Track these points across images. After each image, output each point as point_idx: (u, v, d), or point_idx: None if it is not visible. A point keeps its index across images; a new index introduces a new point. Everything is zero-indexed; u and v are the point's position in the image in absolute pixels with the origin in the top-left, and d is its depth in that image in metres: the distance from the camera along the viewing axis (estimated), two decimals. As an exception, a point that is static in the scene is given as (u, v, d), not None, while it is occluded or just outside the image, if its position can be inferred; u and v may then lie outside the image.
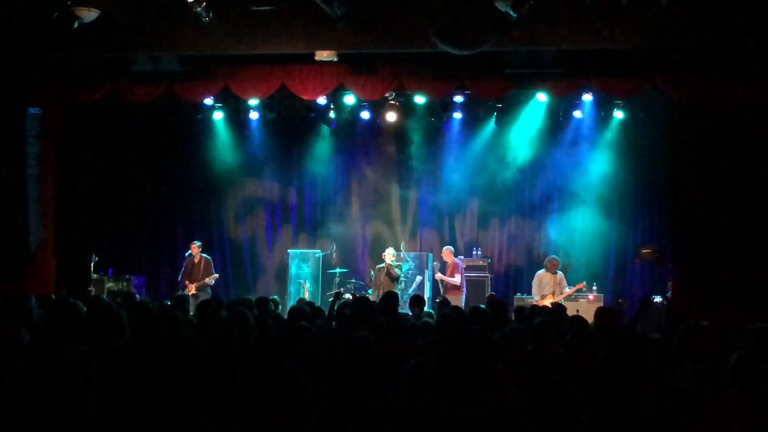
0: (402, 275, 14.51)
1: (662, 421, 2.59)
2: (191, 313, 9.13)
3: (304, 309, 8.27)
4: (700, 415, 2.57)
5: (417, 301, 9.75)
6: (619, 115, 14.50)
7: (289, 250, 16.06)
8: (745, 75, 11.03)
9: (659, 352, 5.41)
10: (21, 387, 3.46)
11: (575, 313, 9.39)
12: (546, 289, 13.53)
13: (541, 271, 13.81)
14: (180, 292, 13.02)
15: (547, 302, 12.41)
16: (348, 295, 13.88)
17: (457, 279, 14.27)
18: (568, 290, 13.62)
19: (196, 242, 14.79)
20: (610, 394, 4.24)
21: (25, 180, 12.85)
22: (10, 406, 3.42)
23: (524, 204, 15.94)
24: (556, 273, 13.65)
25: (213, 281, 14.52)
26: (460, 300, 13.71)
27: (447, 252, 14.67)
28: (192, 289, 14.11)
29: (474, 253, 15.52)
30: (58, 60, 12.29)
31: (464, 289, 14.35)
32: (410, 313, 9.54)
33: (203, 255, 14.66)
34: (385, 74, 12.56)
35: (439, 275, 14.50)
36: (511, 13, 9.85)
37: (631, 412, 4.02)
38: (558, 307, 9.98)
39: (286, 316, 8.74)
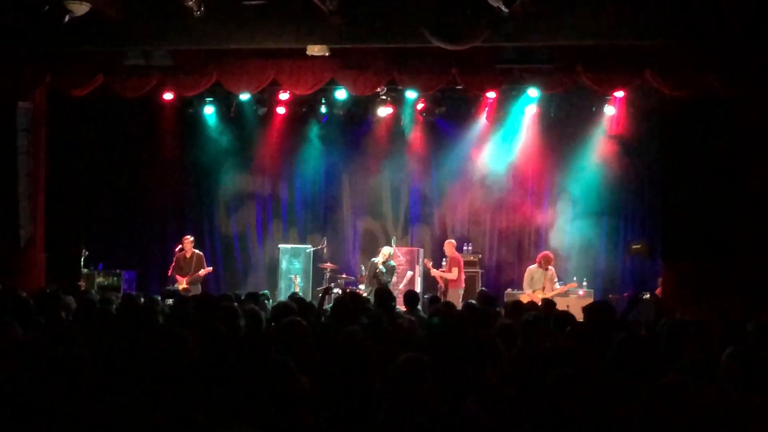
0: (390, 280, 14.39)
1: (651, 416, 2.61)
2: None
3: (290, 305, 8.23)
4: (689, 410, 2.59)
5: (411, 297, 9.72)
6: (609, 110, 14.54)
7: (279, 245, 16.06)
8: (736, 70, 11.07)
9: (647, 347, 5.43)
10: (15, 382, 3.47)
11: (565, 309, 9.45)
12: (536, 284, 13.54)
13: (533, 266, 13.81)
14: (170, 287, 12.98)
15: (538, 297, 12.45)
16: (338, 290, 13.89)
17: (453, 273, 14.24)
18: (559, 287, 13.62)
19: (189, 237, 14.73)
20: (601, 389, 4.26)
21: (15, 174, 12.81)
22: (4, 401, 3.43)
23: (515, 199, 15.94)
24: (547, 269, 13.65)
25: (205, 273, 14.46)
26: (458, 294, 13.66)
27: (449, 245, 14.64)
28: (183, 283, 14.07)
29: (465, 248, 15.51)
30: (48, 54, 12.24)
31: (463, 284, 14.29)
32: (403, 309, 9.52)
33: (195, 250, 14.62)
34: (377, 69, 12.55)
35: (434, 272, 14.46)
36: (503, 8, 9.86)
37: (621, 407, 4.05)
38: (546, 303, 10.00)
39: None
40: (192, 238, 14.66)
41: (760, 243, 11.34)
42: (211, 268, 14.69)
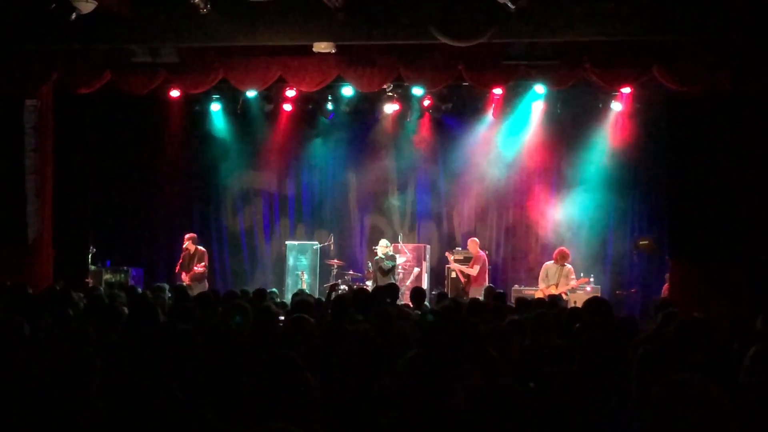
0: (393, 264, 14.50)
1: (660, 415, 2.60)
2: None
3: (308, 300, 8.27)
4: (699, 409, 2.58)
5: (417, 293, 9.73)
6: (616, 106, 14.50)
7: (286, 242, 16.10)
8: (743, 65, 11.02)
9: (655, 344, 5.43)
10: (24, 378, 3.48)
11: (573, 305, 9.43)
12: (552, 280, 13.50)
13: (549, 262, 13.79)
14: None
15: (548, 293, 12.45)
16: (344, 287, 13.92)
17: (474, 270, 14.25)
18: (573, 283, 13.57)
19: (188, 234, 14.73)
20: (606, 386, 4.26)
21: (22, 172, 12.84)
22: (13, 397, 3.44)
23: (521, 196, 15.93)
24: (564, 265, 13.60)
25: (201, 269, 14.44)
26: (480, 293, 13.60)
27: (473, 243, 14.65)
28: (186, 279, 14.11)
29: (471, 244, 15.51)
30: (55, 51, 12.26)
31: (486, 282, 14.29)
32: (410, 305, 9.54)
33: (198, 247, 14.64)
34: (384, 66, 12.53)
35: (454, 265, 14.46)
36: (510, 4, 9.84)
37: (627, 404, 4.05)
38: (552, 299, 9.98)
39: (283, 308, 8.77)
40: (189, 236, 14.64)
41: (767, 241, 11.31)
42: (204, 263, 14.61)
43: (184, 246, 14.70)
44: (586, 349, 4.42)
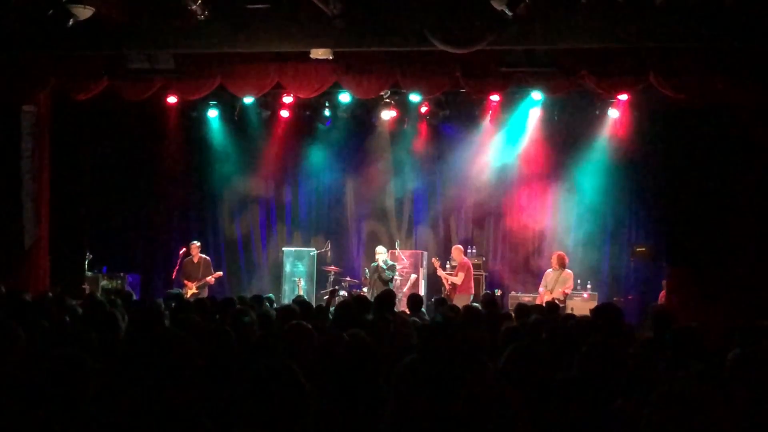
0: (394, 275, 14.51)
1: (658, 422, 2.60)
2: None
3: (293, 309, 8.21)
4: (697, 416, 2.58)
5: (414, 300, 9.73)
6: (613, 113, 14.52)
7: (283, 248, 16.09)
8: (740, 74, 11.04)
9: (652, 351, 5.42)
10: (19, 386, 3.47)
11: (569, 312, 9.42)
12: (548, 286, 13.49)
13: (550, 270, 13.79)
14: (173, 290, 13.02)
15: (544, 298, 12.44)
16: (343, 293, 13.91)
17: (458, 278, 14.20)
18: (560, 289, 13.53)
19: (195, 242, 14.81)
20: (603, 394, 4.25)
21: (19, 178, 12.82)
22: (8, 405, 3.43)
23: (519, 202, 15.94)
24: (562, 270, 13.57)
25: (214, 280, 14.59)
26: (466, 300, 13.49)
27: (457, 251, 14.61)
28: (193, 288, 14.18)
29: (469, 251, 15.51)
30: (52, 57, 12.26)
31: (472, 290, 14.25)
32: (407, 312, 9.53)
33: (202, 255, 14.69)
34: (381, 72, 12.54)
35: (440, 272, 14.44)
36: (507, 11, 9.86)
37: (625, 413, 4.04)
38: (550, 306, 9.98)
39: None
40: (198, 244, 14.77)
41: (764, 247, 11.32)
42: (221, 273, 14.78)
43: (181, 252, 14.74)
44: (587, 356, 4.42)
